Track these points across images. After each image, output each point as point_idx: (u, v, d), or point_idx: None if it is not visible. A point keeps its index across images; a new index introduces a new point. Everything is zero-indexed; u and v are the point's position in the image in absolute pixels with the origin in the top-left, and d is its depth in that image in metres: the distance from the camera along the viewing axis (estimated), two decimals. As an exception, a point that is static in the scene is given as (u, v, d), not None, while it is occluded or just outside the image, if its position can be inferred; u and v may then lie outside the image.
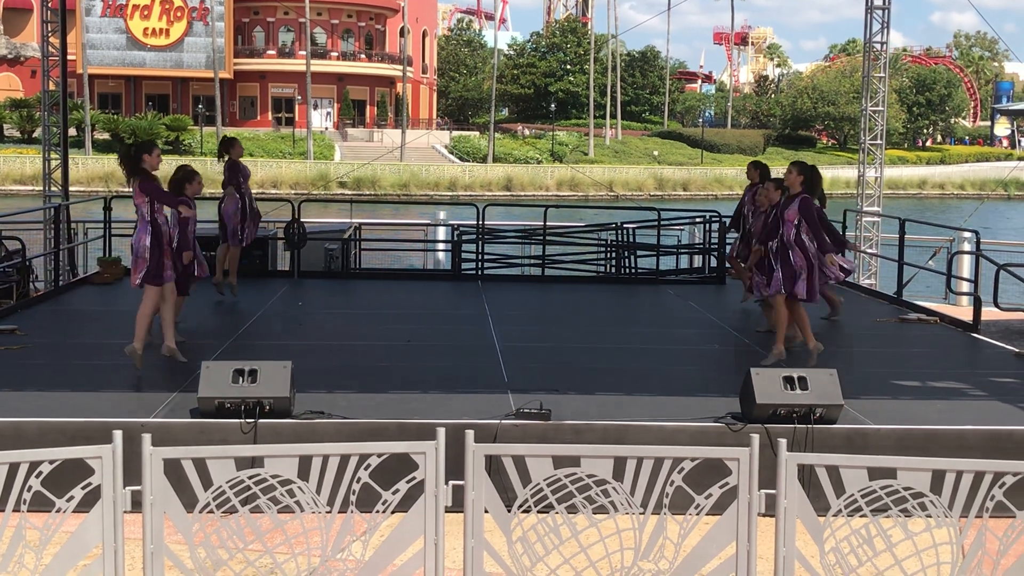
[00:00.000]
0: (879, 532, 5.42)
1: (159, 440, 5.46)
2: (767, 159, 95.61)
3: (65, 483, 5.21)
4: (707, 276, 17.25)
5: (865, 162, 19.14)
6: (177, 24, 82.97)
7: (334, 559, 5.51)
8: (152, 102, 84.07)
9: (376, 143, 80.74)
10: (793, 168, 10.59)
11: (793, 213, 10.34)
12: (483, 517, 5.41)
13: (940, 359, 11.42)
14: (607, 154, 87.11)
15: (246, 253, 15.29)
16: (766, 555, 5.69)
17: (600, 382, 9.59)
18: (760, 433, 6.00)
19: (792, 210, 10.36)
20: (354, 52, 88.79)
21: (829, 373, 8.03)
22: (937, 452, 7.32)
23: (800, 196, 10.40)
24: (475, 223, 17.31)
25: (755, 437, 5.41)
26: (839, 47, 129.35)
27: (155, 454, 5.26)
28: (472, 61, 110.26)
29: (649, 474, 5.42)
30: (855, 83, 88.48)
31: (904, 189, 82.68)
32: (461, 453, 5.37)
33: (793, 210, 10.35)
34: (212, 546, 5.37)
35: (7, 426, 7.61)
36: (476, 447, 5.39)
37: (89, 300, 14.20)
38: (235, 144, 13.92)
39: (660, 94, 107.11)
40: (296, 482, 5.37)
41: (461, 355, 10.96)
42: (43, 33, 17.79)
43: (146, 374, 9.55)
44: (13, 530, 5.16)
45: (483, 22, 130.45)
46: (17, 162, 65.55)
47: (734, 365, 9.98)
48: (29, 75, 79.87)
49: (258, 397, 7.72)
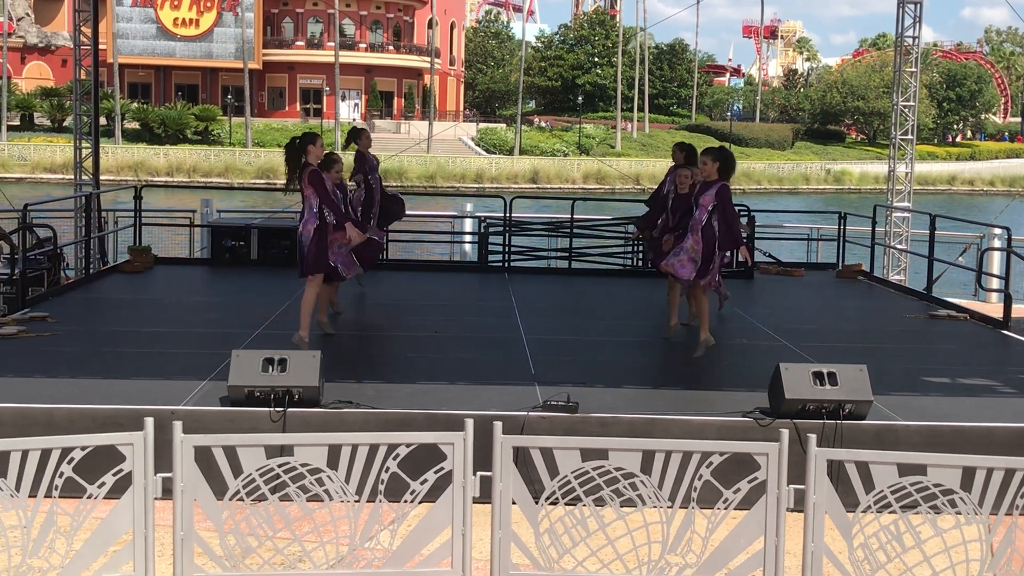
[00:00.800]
0: (908, 529, 5.40)
1: (189, 428, 5.49)
2: (795, 153, 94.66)
3: (96, 469, 5.25)
4: (735, 270, 17.17)
5: (896, 157, 19.02)
6: (207, 14, 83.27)
7: (362, 548, 5.53)
8: (181, 92, 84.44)
9: (403, 135, 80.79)
10: (707, 157, 10.48)
11: (709, 199, 10.29)
12: (511, 508, 5.42)
13: (970, 356, 11.34)
14: (634, 147, 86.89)
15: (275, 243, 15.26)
16: (794, 550, 5.67)
17: (627, 375, 9.58)
18: (789, 428, 5.99)
19: (709, 195, 10.30)
20: (382, 43, 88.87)
21: (859, 369, 7.99)
22: (966, 449, 7.27)
23: (719, 183, 10.34)
24: (502, 215, 17.31)
25: (784, 432, 5.40)
26: (869, 41, 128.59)
27: (186, 441, 5.29)
28: (500, 53, 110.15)
29: (677, 468, 5.41)
30: (885, 78, 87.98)
31: (933, 185, 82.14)
32: (489, 444, 5.39)
33: (710, 196, 10.30)
34: (241, 533, 5.40)
35: (39, 412, 7.66)
36: (504, 438, 5.40)
37: (119, 288, 14.28)
38: (363, 134, 13.55)
39: (688, 87, 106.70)
40: (325, 471, 5.40)
41: (488, 347, 10.96)
42: (75, 22, 17.88)
43: (176, 362, 9.60)
44: (45, 515, 5.21)
45: (511, 14, 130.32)
46: (48, 150, 65.98)
47: (762, 359, 9.94)
48: (60, 64, 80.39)
49: (287, 386, 7.75)
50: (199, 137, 75.04)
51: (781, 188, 79.57)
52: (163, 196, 42.93)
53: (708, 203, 10.27)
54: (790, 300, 14.97)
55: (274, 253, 16.54)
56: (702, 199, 10.33)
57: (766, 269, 17.26)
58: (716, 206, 10.26)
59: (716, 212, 10.27)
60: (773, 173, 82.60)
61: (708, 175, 10.42)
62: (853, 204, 52.29)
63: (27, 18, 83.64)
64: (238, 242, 16.52)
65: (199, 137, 75.04)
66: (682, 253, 10.45)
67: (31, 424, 7.48)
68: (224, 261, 16.47)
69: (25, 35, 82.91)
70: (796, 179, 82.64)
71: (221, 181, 64.43)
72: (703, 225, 10.29)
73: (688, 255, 10.41)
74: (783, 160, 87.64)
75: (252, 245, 16.53)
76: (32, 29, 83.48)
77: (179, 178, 64.86)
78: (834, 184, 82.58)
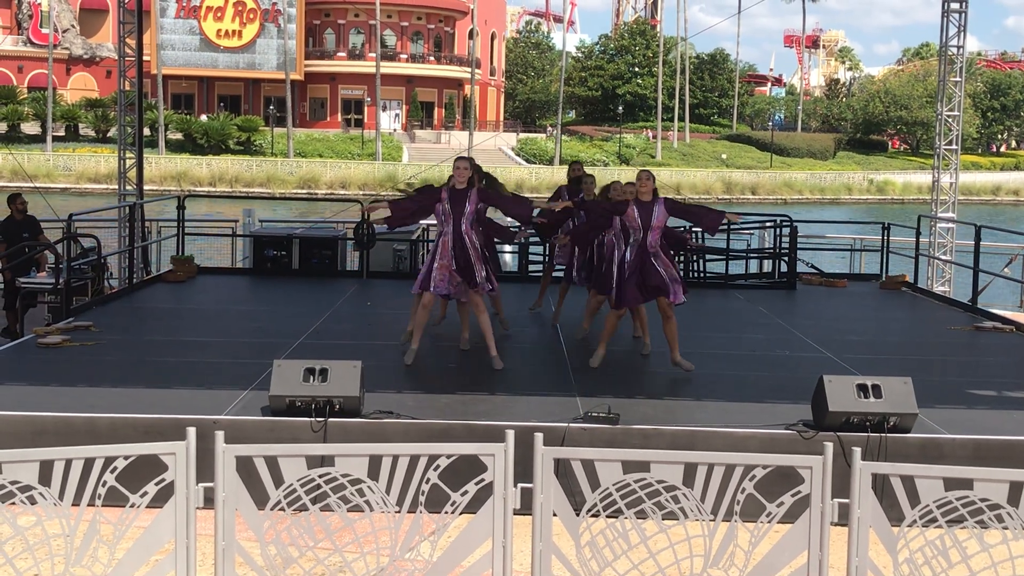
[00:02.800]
0: (954, 544, 5.33)
1: (231, 437, 5.50)
2: (837, 163, 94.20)
3: (139, 479, 5.27)
4: (777, 281, 17.09)
5: (940, 168, 18.85)
6: (249, 26, 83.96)
7: (402, 559, 5.52)
8: (224, 103, 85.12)
9: (444, 145, 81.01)
10: (645, 176, 10.24)
11: (663, 219, 10.09)
12: (551, 520, 5.40)
13: (1017, 368, 11.20)
14: (675, 157, 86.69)
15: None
16: (838, 564, 5.61)
17: (669, 387, 9.54)
18: (833, 441, 5.93)
19: (661, 215, 10.07)
20: (423, 54, 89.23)
21: (904, 381, 7.90)
22: (1013, 463, 7.17)
23: (661, 199, 10.15)
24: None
25: (828, 445, 5.34)
26: (912, 51, 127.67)
27: (227, 451, 5.30)
28: (540, 63, 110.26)
29: (720, 481, 5.37)
30: (929, 87, 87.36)
31: (978, 195, 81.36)
32: (530, 456, 5.36)
33: (662, 215, 10.08)
34: (282, 543, 5.41)
35: (81, 421, 7.72)
36: (545, 450, 5.38)
37: (162, 297, 14.39)
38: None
39: (729, 97, 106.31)
40: (366, 481, 5.39)
41: (528, 357, 10.94)
42: (119, 34, 18.07)
43: (218, 371, 9.65)
44: (88, 524, 5.23)
45: (551, 24, 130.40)
46: (92, 161, 66.68)
47: (805, 371, 9.86)
48: (105, 75, 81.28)
49: (328, 396, 7.77)
50: (241, 147, 75.59)
51: (823, 198, 79.12)
52: (206, 206, 43.27)
53: (661, 224, 10.10)
54: (833, 311, 14.85)
55: (315, 263, 16.61)
56: (655, 221, 10.04)
57: (809, 280, 17.15)
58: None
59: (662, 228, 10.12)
60: (815, 183, 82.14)
61: (645, 194, 10.17)
62: (896, 214, 51.89)
63: (72, 30, 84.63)
64: (280, 252, 16.61)
65: (241, 147, 75.59)
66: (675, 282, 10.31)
67: (74, 433, 7.54)
68: (266, 271, 16.56)
69: (71, 47, 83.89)
70: (838, 189, 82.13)
71: (263, 191, 64.87)
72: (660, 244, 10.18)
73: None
74: (825, 170, 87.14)
75: (293, 255, 16.62)
76: (77, 41, 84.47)
77: (221, 188, 65.32)
78: (877, 194, 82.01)
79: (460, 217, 10.06)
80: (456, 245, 10.07)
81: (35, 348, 10.53)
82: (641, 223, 10.06)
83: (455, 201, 10.08)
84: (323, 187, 67.55)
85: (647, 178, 10.21)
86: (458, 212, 10.06)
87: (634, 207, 10.12)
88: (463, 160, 10.25)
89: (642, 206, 10.11)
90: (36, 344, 10.64)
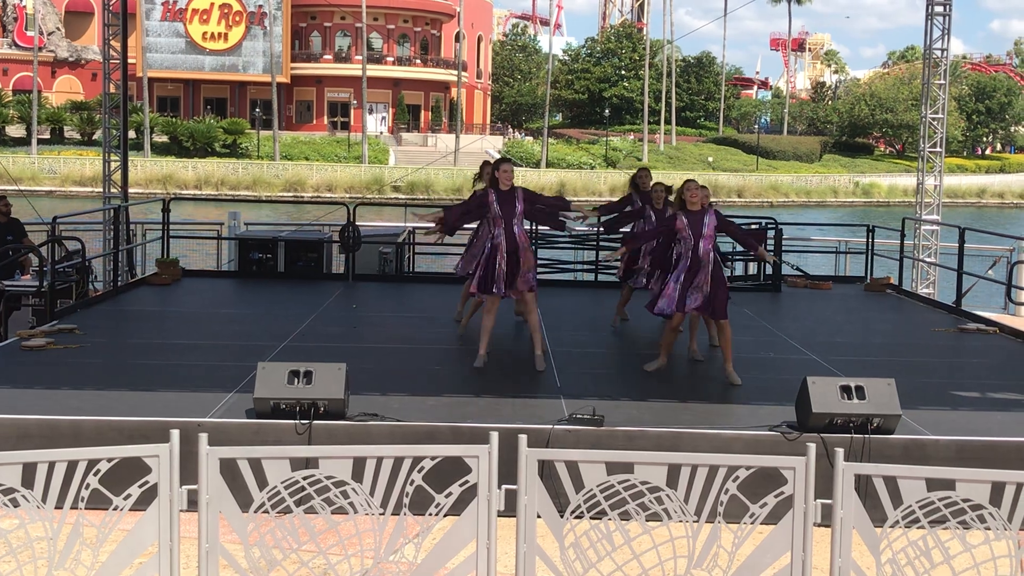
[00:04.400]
0: (937, 544, 5.35)
1: (215, 440, 5.50)
2: (823, 166, 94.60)
3: (122, 481, 5.26)
4: (762, 283, 17.13)
5: (924, 170, 18.92)
6: (235, 28, 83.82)
7: (387, 561, 5.52)
8: (210, 105, 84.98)
9: (430, 148, 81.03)
10: (695, 185, 10.24)
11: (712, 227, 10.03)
12: (535, 522, 5.40)
13: (1000, 370, 11.25)
14: (661, 160, 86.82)
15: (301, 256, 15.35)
16: (821, 565, 5.63)
17: (654, 389, 9.55)
18: (816, 442, 5.94)
19: (711, 224, 10.01)
20: (410, 57, 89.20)
21: (887, 383, 7.93)
22: (996, 464, 7.21)
23: (711, 210, 10.13)
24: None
25: (811, 446, 5.35)
26: (898, 54, 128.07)
27: (211, 453, 5.30)
28: (527, 66, 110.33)
29: (703, 482, 5.38)
30: (914, 90, 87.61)
31: (963, 198, 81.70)
32: (514, 458, 5.37)
33: (712, 224, 10.02)
34: (266, 546, 5.40)
35: (66, 424, 7.70)
36: (529, 452, 5.38)
37: (147, 300, 14.36)
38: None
39: (715, 100, 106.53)
40: (350, 483, 5.39)
41: (514, 359, 10.95)
42: (104, 36, 18.04)
43: (203, 374, 9.64)
44: (71, 527, 5.22)
45: (538, 27, 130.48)
46: (77, 164, 66.49)
47: (789, 373, 9.88)
48: (90, 78, 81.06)
49: (313, 398, 7.76)
50: (227, 150, 75.48)
51: (809, 201, 79.30)
52: (191, 209, 43.18)
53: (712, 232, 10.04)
54: (818, 313, 14.89)
55: (300, 266, 16.60)
56: (707, 230, 10.00)
57: (794, 282, 17.19)
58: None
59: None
60: (801, 186, 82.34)
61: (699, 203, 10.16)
62: (881, 217, 52.09)
63: (57, 32, 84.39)
64: (265, 255, 16.59)
65: (227, 150, 75.48)
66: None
67: (58, 436, 7.52)
68: (251, 274, 16.55)
69: (56, 49, 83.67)
70: (824, 192, 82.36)
71: (249, 194, 64.80)
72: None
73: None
74: (811, 173, 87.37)
75: (279, 258, 16.60)
76: (62, 43, 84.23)
77: (207, 191, 65.23)
78: (862, 197, 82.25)
79: (511, 218, 10.34)
80: (510, 246, 10.32)
81: (19, 351, 10.49)
82: (692, 232, 10.00)
83: (504, 202, 10.34)
84: (309, 190, 67.48)
85: (696, 188, 10.18)
86: (508, 213, 10.34)
87: (683, 218, 10.07)
88: (507, 163, 10.65)
89: (691, 216, 10.06)
90: (20, 347, 10.61)
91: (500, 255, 10.30)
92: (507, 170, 10.48)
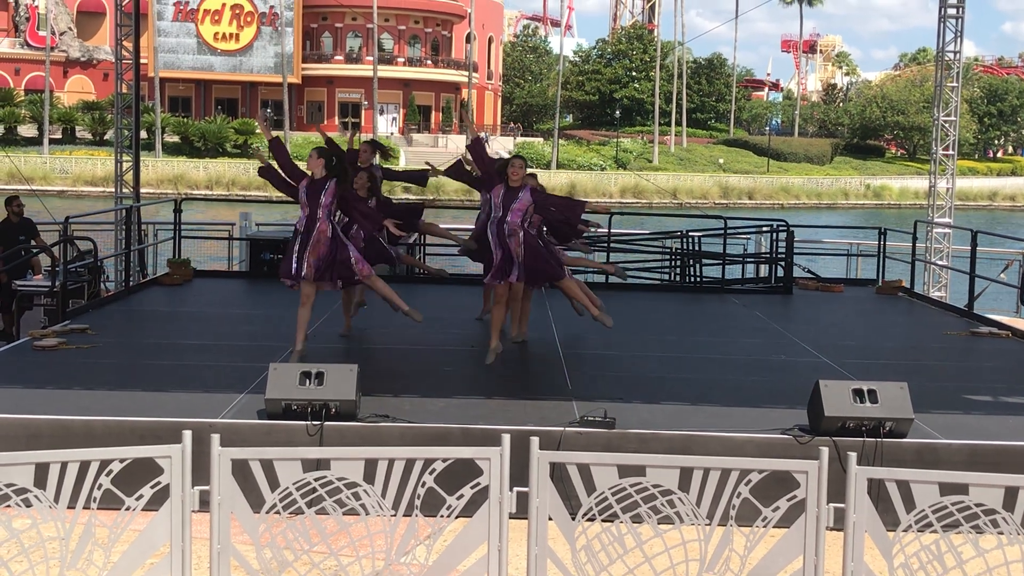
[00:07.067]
0: (949, 548, 5.33)
1: (227, 440, 5.50)
2: (834, 168, 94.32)
3: (134, 482, 5.27)
4: (773, 286, 17.10)
5: (936, 173, 18.87)
6: (247, 29, 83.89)
7: (398, 563, 5.52)
8: (221, 106, 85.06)
9: (441, 148, 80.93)
10: (520, 164, 10.64)
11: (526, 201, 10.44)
12: (547, 524, 5.40)
13: (1012, 373, 11.21)
14: (672, 161, 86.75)
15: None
16: (833, 569, 5.62)
17: (665, 391, 9.53)
18: (829, 446, 5.93)
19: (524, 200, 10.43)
20: (420, 58, 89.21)
21: (900, 386, 7.91)
22: (1009, 468, 7.18)
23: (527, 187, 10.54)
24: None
25: (824, 450, 5.34)
26: (909, 56, 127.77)
27: (223, 454, 5.30)
28: (537, 68, 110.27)
29: (716, 485, 5.37)
30: (926, 92, 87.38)
31: (974, 201, 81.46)
32: (526, 460, 5.36)
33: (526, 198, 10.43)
34: (278, 547, 5.41)
35: (77, 424, 7.71)
36: (541, 454, 5.38)
37: (158, 301, 14.38)
38: None
39: (726, 101, 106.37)
40: (362, 485, 5.39)
41: (524, 361, 10.94)
42: (116, 37, 18.07)
43: (214, 375, 9.65)
44: (83, 527, 5.23)
45: (549, 29, 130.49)
46: (89, 164, 66.61)
47: (801, 376, 9.86)
48: (101, 78, 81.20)
49: (324, 400, 7.77)
50: (238, 150, 75.53)
51: (820, 203, 79.17)
52: (202, 209, 43.22)
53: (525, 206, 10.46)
54: (829, 316, 14.86)
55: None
56: (518, 204, 10.44)
57: (805, 285, 17.16)
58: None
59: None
60: (812, 188, 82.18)
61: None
62: (893, 220, 51.89)
63: (69, 32, 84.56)
64: (276, 255, 16.58)
65: (238, 150, 75.53)
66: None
67: (70, 436, 7.53)
68: (262, 274, 16.54)
69: (68, 49, 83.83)
70: (835, 194, 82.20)
71: (260, 194, 64.76)
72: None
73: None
74: (822, 175, 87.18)
75: (290, 258, 16.56)
76: (74, 43, 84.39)
77: (218, 191, 65.31)
78: (873, 199, 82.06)
79: (512, 212, 10.43)
80: (525, 240, 10.49)
81: (31, 351, 10.51)
82: (503, 203, 10.46)
83: (508, 198, 10.47)
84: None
85: (520, 167, 10.58)
86: (511, 206, 10.46)
87: (502, 188, 10.54)
88: (520, 159, 10.72)
89: (509, 190, 10.50)
90: (32, 347, 10.63)
91: (504, 246, 10.51)
92: (518, 165, 10.57)
